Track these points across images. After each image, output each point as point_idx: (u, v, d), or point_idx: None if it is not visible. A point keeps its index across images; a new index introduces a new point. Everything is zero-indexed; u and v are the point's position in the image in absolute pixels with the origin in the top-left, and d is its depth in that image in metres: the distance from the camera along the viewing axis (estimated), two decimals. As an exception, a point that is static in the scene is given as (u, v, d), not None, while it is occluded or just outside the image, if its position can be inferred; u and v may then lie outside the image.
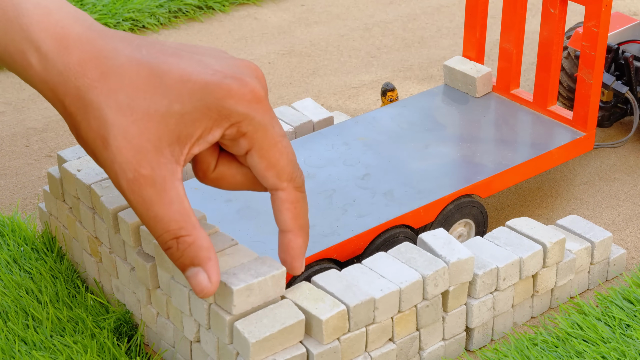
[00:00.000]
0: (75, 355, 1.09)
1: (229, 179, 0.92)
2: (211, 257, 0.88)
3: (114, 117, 0.82)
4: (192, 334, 1.04)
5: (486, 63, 1.76)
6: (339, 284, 1.04)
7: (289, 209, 0.92)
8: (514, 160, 1.30)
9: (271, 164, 0.89)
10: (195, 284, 0.89)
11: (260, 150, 0.88)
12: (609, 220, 1.38)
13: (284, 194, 0.91)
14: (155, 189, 0.84)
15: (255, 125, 0.86)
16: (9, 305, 1.17)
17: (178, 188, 0.85)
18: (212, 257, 0.88)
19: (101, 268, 1.19)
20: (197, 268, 0.88)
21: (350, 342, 1.03)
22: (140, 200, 0.85)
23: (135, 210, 0.86)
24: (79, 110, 0.83)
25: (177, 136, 0.84)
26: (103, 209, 1.11)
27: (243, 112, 0.85)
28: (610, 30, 1.48)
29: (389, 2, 2.03)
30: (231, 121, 0.85)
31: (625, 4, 2.00)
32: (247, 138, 0.87)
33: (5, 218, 1.33)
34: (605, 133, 1.57)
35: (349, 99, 1.68)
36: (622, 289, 1.20)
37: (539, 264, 1.16)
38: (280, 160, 0.89)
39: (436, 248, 1.10)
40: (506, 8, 1.40)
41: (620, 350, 1.10)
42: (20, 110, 1.66)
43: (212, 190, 1.24)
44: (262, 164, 0.89)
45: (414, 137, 1.35)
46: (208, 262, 0.88)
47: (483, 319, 1.14)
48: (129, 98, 0.82)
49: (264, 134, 0.87)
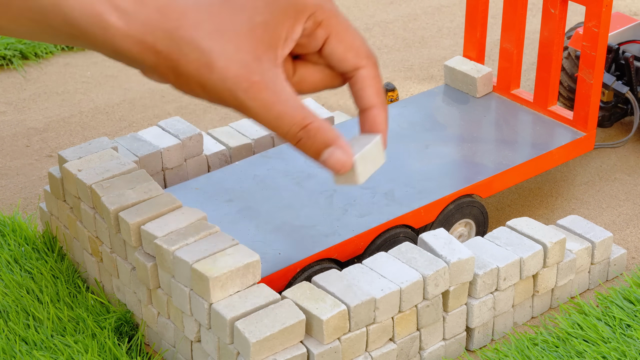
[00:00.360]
0: (76, 355, 1.09)
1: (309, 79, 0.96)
2: (339, 135, 0.93)
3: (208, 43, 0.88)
4: (193, 333, 1.04)
5: (486, 63, 1.76)
6: (340, 283, 1.04)
7: (372, 84, 0.95)
8: (514, 160, 1.30)
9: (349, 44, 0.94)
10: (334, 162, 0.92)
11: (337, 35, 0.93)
12: (609, 220, 1.38)
13: (366, 71, 0.95)
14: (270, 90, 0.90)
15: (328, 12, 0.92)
16: (10, 305, 1.17)
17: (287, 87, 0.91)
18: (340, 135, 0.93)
19: (102, 268, 1.19)
20: (331, 148, 0.92)
21: (350, 342, 1.03)
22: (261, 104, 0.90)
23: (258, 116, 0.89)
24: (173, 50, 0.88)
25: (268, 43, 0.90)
26: (104, 209, 1.11)
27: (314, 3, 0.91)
28: (611, 31, 1.48)
29: (389, 2, 2.03)
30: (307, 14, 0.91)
31: (626, 4, 2.00)
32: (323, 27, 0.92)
33: (6, 218, 1.33)
34: (606, 133, 1.57)
35: (350, 99, 1.68)
36: (623, 289, 1.20)
37: (540, 264, 1.16)
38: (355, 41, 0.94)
39: (437, 248, 1.10)
40: (507, 8, 1.40)
41: (621, 350, 1.10)
42: (21, 110, 1.66)
43: (212, 190, 1.24)
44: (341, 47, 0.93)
45: (415, 137, 1.35)
46: (338, 139, 0.92)
47: (483, 318, 1.14)
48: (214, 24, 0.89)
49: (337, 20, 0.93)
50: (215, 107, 1.67)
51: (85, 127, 1.62)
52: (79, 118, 1.64)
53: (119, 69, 1.80)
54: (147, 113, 1.65)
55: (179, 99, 1.69)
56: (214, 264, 0.99)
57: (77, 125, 1.62)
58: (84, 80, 1.76)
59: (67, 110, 1.66)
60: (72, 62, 1.82)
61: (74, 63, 1.81)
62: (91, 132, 1.60)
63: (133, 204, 1.10)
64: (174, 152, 1.30)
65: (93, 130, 1.61)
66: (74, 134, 1.59)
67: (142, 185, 1.13)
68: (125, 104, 1.68)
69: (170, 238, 1.04)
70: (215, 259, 0.99)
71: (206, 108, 1.67)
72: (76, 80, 1.76)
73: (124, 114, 1.65)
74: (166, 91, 1.72)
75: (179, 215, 1.08)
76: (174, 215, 1.08)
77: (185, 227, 1.06)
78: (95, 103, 1.68)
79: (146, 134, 1.32)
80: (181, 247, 1.03)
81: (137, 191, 1.12)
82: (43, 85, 1.74)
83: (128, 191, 1.12)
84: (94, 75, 1.77)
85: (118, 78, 1.77)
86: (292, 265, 1.11)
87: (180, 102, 1.68)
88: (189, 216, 1.07)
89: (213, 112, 1.66)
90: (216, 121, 1.63)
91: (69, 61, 1.82)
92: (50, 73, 1.78)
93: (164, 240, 1.04)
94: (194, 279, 1.00)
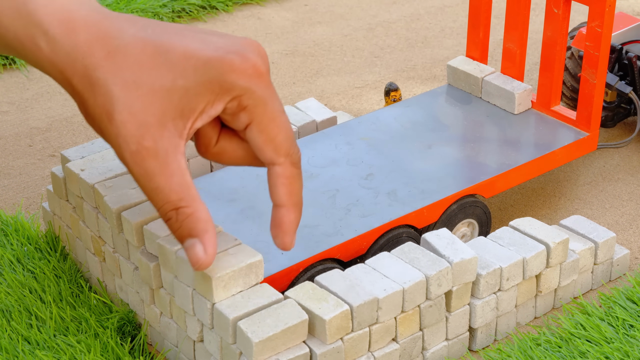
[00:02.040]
0: (79, 354, 1.09)
1: (230, 154, 0.94)
2: (208, 230, 0.90)
3: (119, 93, 0.85)
4: (196, 333, 1.04)
5: (490, 63, 1.76)
6: (343, 283, 1.04)
7: (284, 184, 0.93)
8: (517, 161, 1.30)
9: (269, 138, 0.90)
10: (191, 255, 0.91)
11: (259, 125, 0.90)
12: (612, 221, 1.38)
13: (280, 169, 0.92)
14: (157, 161, 0.86)
15: (256, 100, 0.88)
16: (13, 305, 1.17)
17: (180, 161, 0.87)
18: (209, 230, 0.90)
19: (104, 268, 1.19)
20: (194, 239, 0.90)
21: (353, 342, 1.03)
22: (143, 172, 0.87)
23: (137, 182, 0.88)
24: (86, 88, 0.86)
25: (181, 110, 0.86)
26: (106, 208, 1.11)
27: (244, 86, 0.87)
28: (614, 31, 1.48)
29: (392, 2, 2.03)
30: (232, 95, 0.87)
31: (629, 4, 2.00)
32: (247, 112, 0.89)
33: (9, 218, 1.33)
34: (609, 133, 1.57)
35: (353, 99, 1.68)
36: (626, 289, 1.20)
37: (543, 264, 1.15)
38: (278, 135, 0.91)
39: (439, 248, 1.10)
40: (510, 8, 1.40)
41: (624, 351, 1.10)
42: (24, 110, 1.66)
43: (215, 190, 1.24)
44: (260, 138, 0.90)
45: (418, 137, 1.35)
46: (205, 234, 0.89)
47: (486, 319, 1.14)
48: (135, 75, 0.85)
49: (263, 109, 0.89)
50: (218, 106, 1.67)
51: (88, 127, 1.62)
52: (81, 118, 1.64)
53: (121, 69, 1.80)
54: (150, 113, 1.65)
55: (181, 99, 1.69)
56: (217, 264, 0.99)
57: (80, 124, 1.62)
58: (87, 80, 1.76)
59: (70, 110, 1.66)
60: (75, 62, 1.82)
61: (76, 63, 1.81)
62: (94, 132, 1.60)
63: (136, 203, 1.10)
64: (176, 152, 1.30)
65: (96, 130, 1.61)
66: (77, 134, 1.59)
67: (145, 185, 1.13)
68: (128, 103, 1.68)
69: (172, 238, 1.04)
70: (218, 259, 0.99)
71: (209, 108, 1.67)
72: (79, 80, 1.76)
73: (126, 114, 1.65)
74: (169, 91, 1.72)
75: (182, 215, 1.08)
76: (176, 215, 1.08)
77: (188, 227, 1.06)
78: (98, 103, 1.68)
79: (149, 133, 1.32)
80: (184, 246, 1.03)
81: (139, 191, 1.12)
82: (46, 84, 1.74)
83: (131, 191, 1.12)
84: (96, 75, 1.77)
85: (121, 78, 1.77)
86: (294, 265, 1.11)
87: (183, 102, 1.68)
88: (192, 216, 1.07)
89: (216, 111, 1.66)
90: (219, 121, 1.63)
91: (71, 61, 1.82)
92: (53, 73, 1.78)
93: (167, 240, 1.04)
94: (196, 279, 1.00)
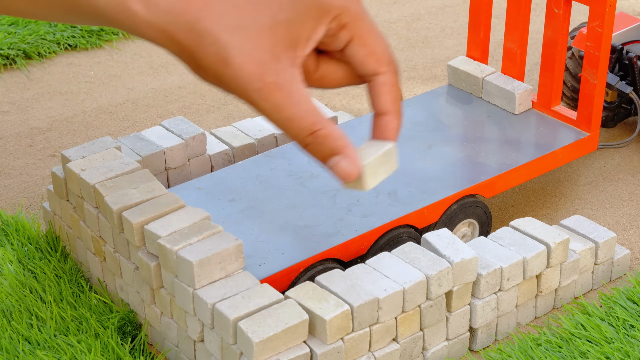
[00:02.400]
0: (79, 354, 1.09)
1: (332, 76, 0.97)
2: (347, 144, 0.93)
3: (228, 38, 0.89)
4: (196, 333, 1.04)
5: (490, 63, 1.76)
6: (343, 283, 1.04)
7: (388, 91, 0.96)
8: (517, 161, 1.30)
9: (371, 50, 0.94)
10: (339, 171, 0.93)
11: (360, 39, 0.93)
12: (612, 221, 1.38)
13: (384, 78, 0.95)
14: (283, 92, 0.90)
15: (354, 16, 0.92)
16: (13, 305, 1.17)
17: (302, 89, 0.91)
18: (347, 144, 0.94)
19: (105, 267, 1.19)
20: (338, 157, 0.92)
21: (354, 342, 1.03)
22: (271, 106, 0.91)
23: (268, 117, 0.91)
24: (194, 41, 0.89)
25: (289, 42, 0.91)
26: (107, 208, 1.11)
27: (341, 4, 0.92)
28: (615, 31, 1.48)
29: (392, 2, 2.03)
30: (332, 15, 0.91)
31: (630, 4, 2.00)
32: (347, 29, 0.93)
33: (9, 217, 1.33)
34: (609, 133, 1.57)
35: (353, 99, 1.68)
36: (626, 289, 1.20)
37: (543, 264, 1.15)
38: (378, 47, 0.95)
39: (440, 248, 1.10)
40: (510, 8, 1.40)
41: (624, 351, 1.10)
42: (25, 110, 1.66)
43: (216, 190, 1.24)
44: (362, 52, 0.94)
45: (418, 137, 1.35)
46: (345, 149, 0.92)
47: (487, 319, 1.14)
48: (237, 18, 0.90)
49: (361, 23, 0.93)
50: (218, 107, 1.67)
51: (89, 126, 1.62)
52: (82, 118, 1.64)
53: (122, 69, 1.80)
54: (151, 113, 1.65)
55: (182, 99, 1.69)
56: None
57: (81, 124, 1.62)
58: (87, 80, 1.76)
59: (70, 110, 1.66)
60: (76, 62, 1.82)
61: (77, 63, 1.82)
62: (94, 131, 1.60)
63: (136, 203, 1.10)
64: (177, 152, 1.30)
65: (96, 129, 1.61)
66: (77, 134, 1.59)
67: (146, 185, 1.13)
68: (128, 103, 1.68)
69: (173, 238, 1.04)
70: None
71: (209, 108, 1.67)
72: (79, 80, 1.76)
73: (127, 114, 1.65)
74: (169, 91, 1.72)
75: (182, 214, 1.08)
76: (177, 215, 1.08)
77: (189, 227, 1.06)
78: (99, 103, 1.68)
79: (149, 133, 1.32)
80: (184, 246, 1.03)
81: (140, 191, 1.12)
82: (46, 84, 1.74)
83: (131, 191, 1.12)
84: (97, 75, 1.78)
85: (121, 78, 1.77)
86: (295, 265, 1.11)
87: (184, 102, 1.68)
88: (192, 216, 1.07)
89: (216, 112, 1.66)
90: (219, 121, 1.63)
91: (72, 61, 1.82)
92: (53, 73, 1.78)
93: (167, 239, 1.04)
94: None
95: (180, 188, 1.25)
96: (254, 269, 1.10)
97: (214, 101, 1.68)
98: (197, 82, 1.74)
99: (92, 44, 1.87)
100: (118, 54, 1.85)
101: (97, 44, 1.87)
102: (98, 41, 1.87)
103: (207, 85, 1.73)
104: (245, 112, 1.65)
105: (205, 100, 1.69)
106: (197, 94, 1.71)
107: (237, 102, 1.68)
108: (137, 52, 1.86)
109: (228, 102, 1.68)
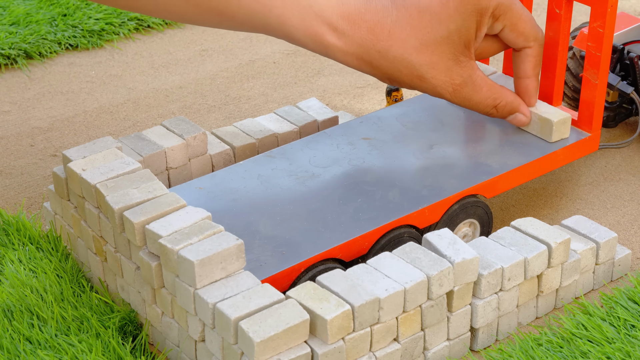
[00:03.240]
0: (80, 354, 1.09)
1: (488, 49, 1.22)
2: (520, 103, 1.24)
3: (417, 58, 1.11)
4: (197, 333, 1.04)
5: (491, 63, 1.76)
6: (344, 283, 1.04)
7: (532, 60, 1.22)
8: (518, 161, 1.29)
9: (519, 32, 1.19)
10: (517, 122, 1.28)
11: (511, 26, 1.17)
12: (614, 221, 1.38)
13: (531, 50, 1.22)
14: (469, 87, 1.16)
15: (505, 9, 1.15)
16: (14, 305, 1.17)
17: (480, 75, 1.18)
18: (520, 102, 1.24)
19: (106, 267, 1.19)
20: (515, 114, 1.25)
21: (354, 341, 1.03)
22: (463, 99, 1.18)
23: (460, 105, 1.22)
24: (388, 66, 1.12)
25: (464, 44, 1.13)
26: (108, 208, 1.11)
27: (495, 3, 1.14)
28: (616, 31, 1.48)
29: (393, 2, 2.03)
30: (489, 13, 1.14)
31: (631, 4, 2.00)
32: (500, 20, 1.16)
33: (11, 217, 1.33)
34: (611, 133, 1.57)
35: (354, 99, 1.68)
36: (627, 289, 1.20)
37: (544, 264, 1.15)
38: (526, 28, 1.20)
39: (441, 248, 1.10)
40: (511, 8, 1.40)
41: (625, 351, 1.10)
42: (26, 110, 1.66)
43: (217, 190, 1.24)
44: (513, 34, 1.19)
45: (419, 137, 1.35)
46: (519, 107, 1.24)
47: (488, 319, 1.13)
48: (417, 39, 1.11)
49: (511, 14, 1.16)
50: (219, 107, 1.67)
51: (90, 126, 1.62)
52: (83, 117, 1.64)
53: (123, 69, 1.80)
54: (151, 112, 1.65)
55: (183, 99, 1.69)
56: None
57: (82, 124, 1.62)
58: (88, 79, 1.76)
59: (71, 110, 1.66)
60: (77, 62, 1.82)
61: (78, 62, 1.82)
62: (95, 131, 1.60)
63: (137, 203, 1.10)
64: (178, 152, 1.30)
65: (97, 129, 1.61)
66: (78, 134, 1.59)
67: (147, 185, 1.13)
68: (129, 103, 1.68)
69: (174, 237, 1.04)
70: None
71: (210, 108, 1.67)
72: (80, 79, 1.76)
73: (128, 114, 1.65)
74: (170, 91, 1.72)
75: (183, 214, 1.08)
76: (178, 215, 1.08)
77: (190, 227, 1.06)
78: (100, 102, 1.68)
79: (150, 133, 1.32)
80: (185, 246, 1.03)
81: (141, 190, 1.12)
82: (47, 84, 1.74)
83: (132, 190, 1.12)
84: (98, 75, 1.78)
85: (122, 78, 1.77)
86: (296, 265, 1.11)
87: (185, 102, 1.68)
88: (193, 216, 1.07)
89: (217, 111, 1.66)
90: (220, 121, 1.63)
91: (73, 61, 1.82)
92: (54, 72, 1.78)
93: (168, 239, 1.04)
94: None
95: (181, 188, 1.25)
96: (255, 269, 1.10)
97: (214, 101, 1.68)
98: (198, 82, 1.74)
99: (93, 44, 1.87)
100: (119, 54, 1.85)
101: (98, 44, 1.87)
102: (99, 41, 1.87)
103: (208, 85, 1.73)
104: (246, 112, 1.65)
105: (206, 100, 1.69)
106: (198, 94, 1.71)
107: (238, 102, 1.68)
108: (138, 52, 1.86)
109: (229, 102, 1.68)
